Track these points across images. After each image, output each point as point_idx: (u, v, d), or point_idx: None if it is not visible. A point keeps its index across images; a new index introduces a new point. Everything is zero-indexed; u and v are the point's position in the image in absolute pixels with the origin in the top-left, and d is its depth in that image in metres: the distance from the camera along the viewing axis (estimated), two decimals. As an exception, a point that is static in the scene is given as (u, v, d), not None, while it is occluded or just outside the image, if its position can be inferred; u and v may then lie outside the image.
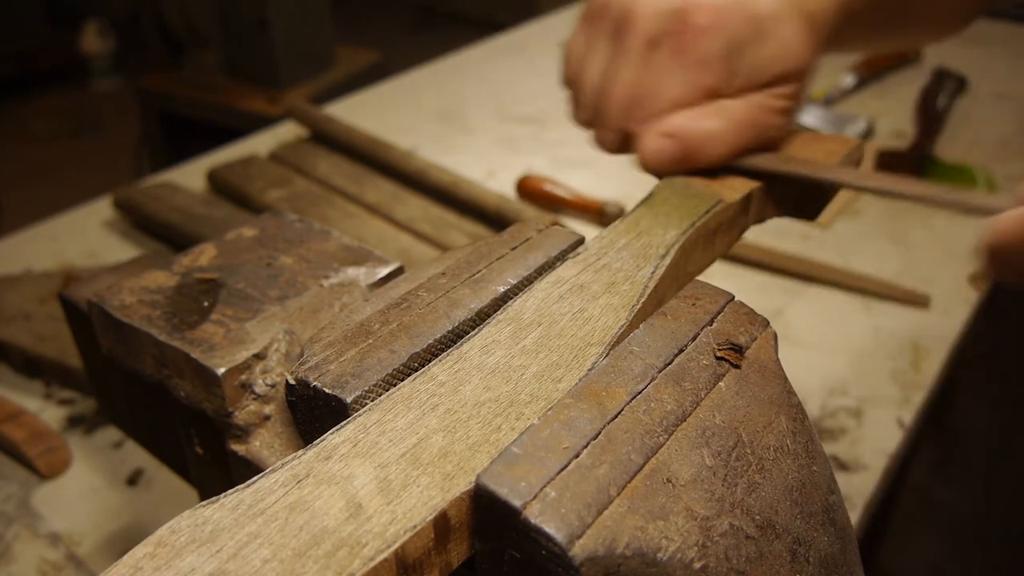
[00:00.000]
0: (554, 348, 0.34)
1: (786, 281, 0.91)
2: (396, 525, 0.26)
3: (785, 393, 0.35)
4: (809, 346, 0.82)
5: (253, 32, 1.96)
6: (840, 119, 1.23)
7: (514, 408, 0.31)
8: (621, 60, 0.43)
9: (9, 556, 0.63)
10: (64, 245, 1.00)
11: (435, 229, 0.94)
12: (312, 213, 0.95)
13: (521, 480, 0.27)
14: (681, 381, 0.32)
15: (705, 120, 0.42)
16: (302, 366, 0.34)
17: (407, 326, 0.36)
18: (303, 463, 0.29)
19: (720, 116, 0.42)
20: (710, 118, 0.42)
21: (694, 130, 0.41)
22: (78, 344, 0.52)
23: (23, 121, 3.43)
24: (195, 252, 0.44)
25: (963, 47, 1.48)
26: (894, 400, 0.77)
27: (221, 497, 0.27)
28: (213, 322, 0.39)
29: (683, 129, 0.41)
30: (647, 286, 0.37)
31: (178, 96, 2.12)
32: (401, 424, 0.30)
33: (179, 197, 0.98)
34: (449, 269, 0.40)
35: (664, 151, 0.42)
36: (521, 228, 0.43)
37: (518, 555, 0.27)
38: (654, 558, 0.27)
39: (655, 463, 0.29)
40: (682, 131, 0.41)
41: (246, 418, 0.37)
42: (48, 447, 0.70)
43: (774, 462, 0.32)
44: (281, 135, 1.24)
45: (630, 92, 0.43)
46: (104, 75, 3.67)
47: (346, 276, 0.43)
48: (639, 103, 0.42)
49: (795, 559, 0.31)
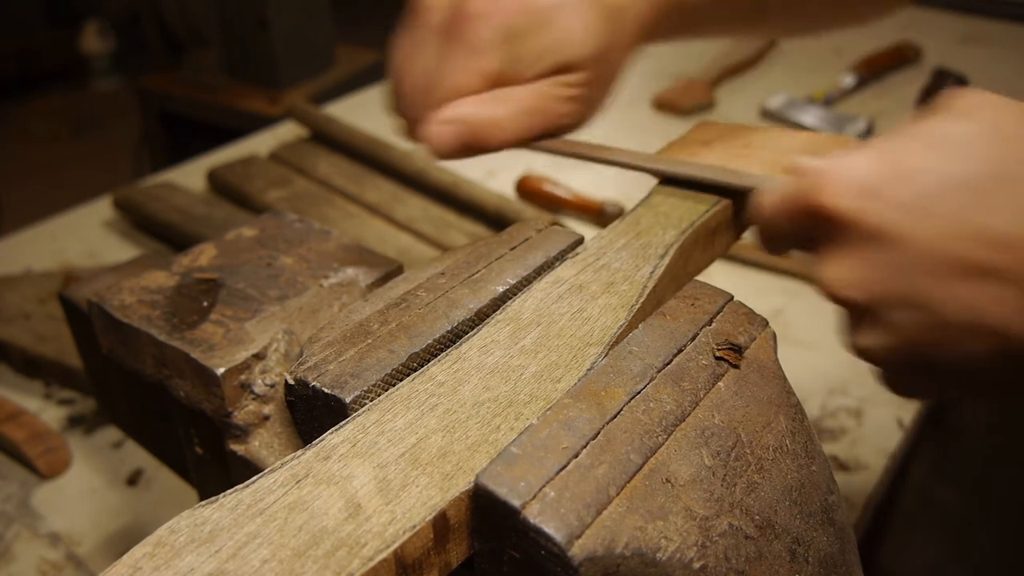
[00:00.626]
0: (553, 348, 0.34)
1: (786, 281, 0.91)
2: (395, 525, 0.26)
3: (784, 393, 0.35)
4: (809, 346, 0.82)
5: (253, 32, 1.96)
6: (840, 119, 1.23)
7: (513, 408, 0.31)
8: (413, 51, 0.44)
9: (9, 556, 0.63)
10: (64, 245, 1.00)
11: (435, 229, 0.94)
12: (312, 213, 0.95)
13: (520, 480, 0.27)
14: (680, 381, 0.32)
15: (487, 106, 0.42)
16: (301, 366, 0.34)
17: (406, 326, 0.36)
18: (302, 463, 0.29)
19: (503, 102, 0.43)
20: (492, 104, 0.43)
21: (475, 116, 0.42)
22: (78, 344, 0.52)
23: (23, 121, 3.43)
24: (195, 252, 0.44)
25: (963, 47, 1.48)
26: (894, 400, 0.77)
27: (220, 497, 0.27)
28: (213, 322, 0.39)
29: (465, 115, 0.42)
30: (646, 286, 0.37)
31: (178, 96, 2.12)
32: (400, 424, 0.30)
33: (179, 197, 0.98)
34: (448, 269, 0.40)
35: (447, 136, 0.42)
36: (520, 228, 0.43)
37: (517, 555, 0.27)
38: (653, 558, 0.27)
39: (654, 463, 0.29)
40: (464, 117, 0.42)
41: (245, 418, 0.37)
42: (48, 447, 0.70)
43: (773, 462, 0.32)
44: (281, 135, 1.24)
45: (420, 81, 0.44)
46: (104, 75, 3.67)
47: (346, 276, 0.43)
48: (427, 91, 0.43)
49: (794, 559, 0.31)
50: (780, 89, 1.30)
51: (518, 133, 0.43)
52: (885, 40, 1.42)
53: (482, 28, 0.42)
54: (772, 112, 1.26)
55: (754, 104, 1.28)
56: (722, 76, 1.35)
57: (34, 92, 3.62)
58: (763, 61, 1.43)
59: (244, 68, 2.05)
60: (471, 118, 0.42)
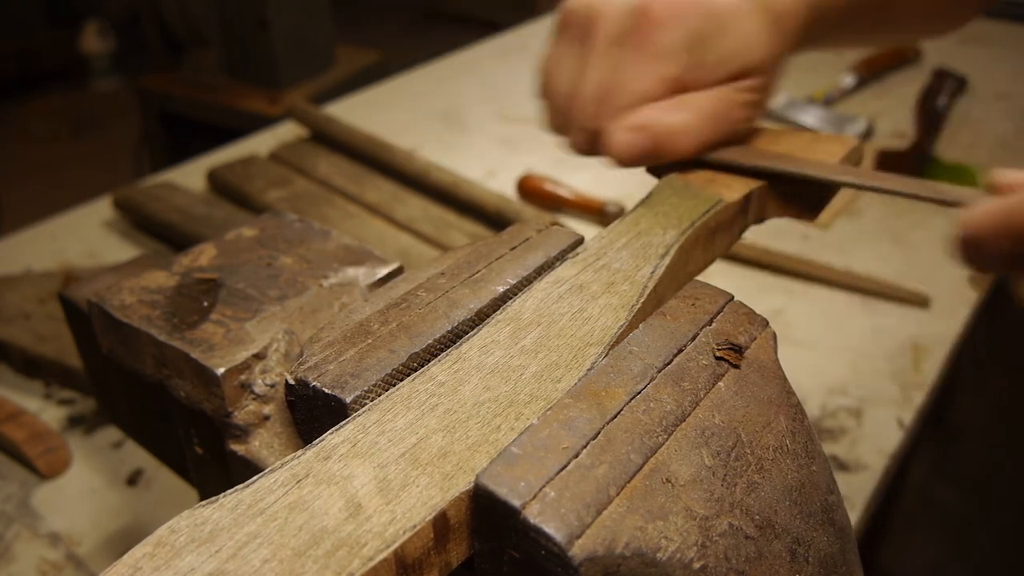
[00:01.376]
0: (553, 348, 0.34)
1: (786, 281, 0.91)
2: (395, 525, 0.26)
3: (784, 393, 0.35)
4: (809, 346, 0.82)
5: (253, 32, 1.96)
6: (840, 119, 1.23)
7: (513, 408, 0.31)
8: (588, 61, 0.44)
9: (9, 556, 0.63)
10: (64, 245, 1.00)
11: (435, 229, 0.94)
12: (312, 213, 0.95)
13: (520, 480, 0.27)
14: (680, 381, 0.32)
15: (673, 113, 0.42)
16: (301, 366, 0.34)
17: (406, 326, 0.36)
18: (302, 463, 0.29)
19: (687, 109, 0.43)
20: (677, 111, 0.43)
21: (662, 122, 0.42)
22: (78, 344, 0.52)
23: (23, 121, 3.43)
24: (195, 252, 0.44)
25: (963, 47, 1.48)
26: (894, 400, 0.77)
27: (220, 497, 0.27)
28: (213, 322, 0.39)
29: (651, 122, 0.42)
30: (646, 286, 0.37)
31: (178, 96, 2.12)
32: (400, 424, 0.30)
33: (179, 197, 0.98)
34: (448, 269, 0.40)
35: (633, 144, 0.42)
36: (521, 228, 0.43)
37: (517, 555, 0.27)
38: (653, 558, 0.27)
39: (654, 463, 0.29)
40: (650, 124, 0.42)
41: (246, 418, 0.37)
42: (48, 447, 0.70)
43: (773, 462, 0.32)
44: (281, 135, 1.24)
45: (597, 90, 0.43)
46: (104, 75, 3.67)
47: (346, 276, 0.43)
48: (606, 100, 0.43)
49: (794, 559, 0.31)
50: (780, 89, 1.30)
51: (701, 139, 0.43)
52: (885, 40, 1.41)
53: (667, 33, 0.42)
54: (772, 112, 1.26)
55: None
56: (722, 76, 1.34)
57: (34, 92, 3.62)
58: (763, 61, 1.43)
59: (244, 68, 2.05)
60: (656, 125, 0.42)
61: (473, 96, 1.41)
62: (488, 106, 1.37)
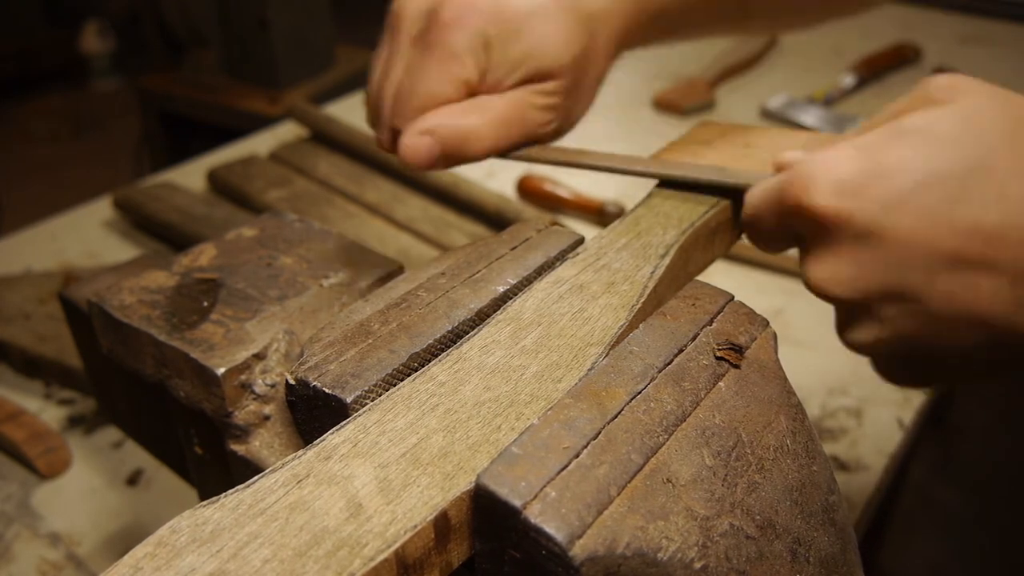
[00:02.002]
0: (554, 348, 0.34)
1: (786, 281, 0.91)
2: (396, 525, 0.26)
3: (785, 393, 0.35)
4: (809, 346, 0.82)
5: (253, 32, 1.96)
6: (840, 119, 1.23)
7: (514, 408, 0.31)
8: (391, 60, 0.44)
9: (9, 556, 0.63)
10: (64, 245, 1.00)
11: (435, 229, 0.94)
12: (312, 213, 0.95)
13: (521, 480, 0.27)
14: (681, 381, 0.32)
15: (463, 117, 0.42)
16: (302, 366, 0.34)
17: (407, 326, 0.36)
18: (303, 463, 0.29)
19: (479, 112, 0.42)
20: (468, 114, 0.42)
21: (452, 126, 0.42)
22: (78, 344, 0.52)
23: (23, 121, 3.43)
24: (195, 252, 0.44)
25: (963, 47, 1.48)
26: (894, 400, 0.77)
27: (221, 497, 0.27)
28: (213, 322, 0.39)
29: (441, 126, 0.42)
30: (647, 286, 0.37)
31: (178, 96, 2.12)
32: (401, 424, 0.30)
33: (179, 197, 0.98)
34: (449, 269, 0.40)
35: (421, 148, 0.42)
36: (521, 228, 0.43)
37: (518, 555, 0.27)
38: (654, 558, 0.27)
39: (655, 463, 0.29)
40: (440, 128, 0.42)
41: (246, 418, 0.37)
42: (48, 447, 0.70)
43: (774, 462, 0.32)
44: (281, 135, 1.24)
45: (396, 90, 0.43)
46: (104, 75, 3.67)
47: (346, 276, 0.43)
48: (403, 100, 0.43)
49: (795, 559, 0.31)
50: (780, 89, 1.30)
51: (495, 142, 0.43)
52: (885, 40, 1.42)
53: (457, 34, 0.42)
54: (772, 112, 1.26)
55: (754, 104, 1.28)
56: (722, 76, 1.35)
57: (34, 92, 3.62)
58: (763, 61, 1.43)
59: (244, 68, 2.05)
60: (446, 128, 0.42)
61: (473, 96, 1.41)
62: (488, 106, 1.37)
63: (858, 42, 1.41)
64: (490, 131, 0.42)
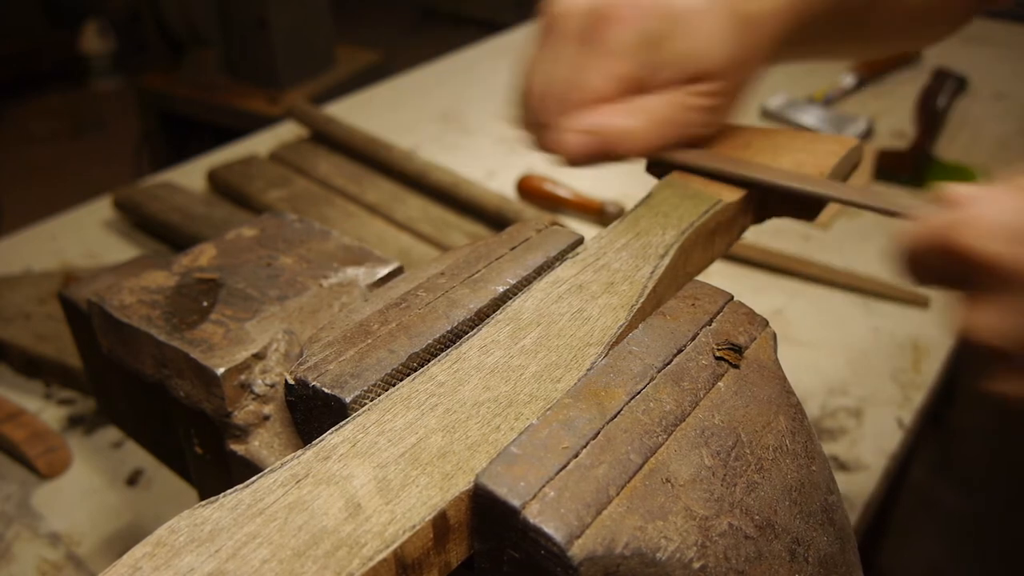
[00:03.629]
0: (553, 348, 0.34)
1: (786, 281, 0.91)
2: (395, 525, 0.26)
3: (784, 393, 0.35)
4: (809, 346, 0.82)
5: (253, 32, 1.96)
6: (840, 119, 1.23)
7: (513, 408, 0.31)
8: (550, 58, 0.44)
9: (9, 556, 0.63)
10: (64, 245, 1.00)
11: (435, 229, 0.94)
12: (312, 213, 0.95)
13: (520, 480, 0.27)
14: (680, 381, 0.32)
15: (623, 117, 0.42)
16: (301, 366, 0.34)
17: (406, 326, 0.36)
18: (302, 463, 0.29)
19: (638, 113, 0.43)
20: (628, 115, 0.42)
21: (612, 126, 0.42)
22: (78, 344, 0.52)
23: (23, 121, 3.43)
24: (195, 252, 0.44)
25: (963, 47, 1.48)
26: (894, 400, 0.77)
27: (220, 497, 0.27)
28: (213, 322, 0.39)
29: (602, 125, 0.42)
30: (646, 286, 0.37)
31: (178, 96, 2.12)
32: (400, 424, 0.30)
33: (179, 197, 0.98)
34: (448, 269, 0.40)
35: (583, 145, 0.43)
36: (520, 228, 0.43)
37: (517, 555, 0.27)
38: (653, 558, 0.27)
39: (654, 463, 0.29)
40: (601, 127, 0.42)
41: (245, 418, 0.37)
42: (48, 447, 0.70)
43: (773, 462, 0.32)
44: (281, 135, 1.24)
45: (556, 88, 0.44)
46: (104, 75, 3.67)
47: (346, 276, 0.43)
48: (563, 97, 0.43)
49: (794, 559, 0.31)
50: (780, 89, 1.30)
51: (650, 143, 0.43)
52: (885, 40, 1.41)
53: (622, 31, 0.42)
54: (772, 112, 1.26)
55: (754, 104, 1.28)
56: (722, 76, 1.34)
57: (34, 92, 3.62)
58: (763, 61, 1.43)
59: (244, 68, 2.05)
60: (606, 128, 0.42)
61: (473, 96, 1.41)
62: (488, 106, 1.37)
63: (858, 42, 1.41)
64: (646, 132, 0.43)
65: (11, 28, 3.54)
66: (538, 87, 0.44)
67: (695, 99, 0.43)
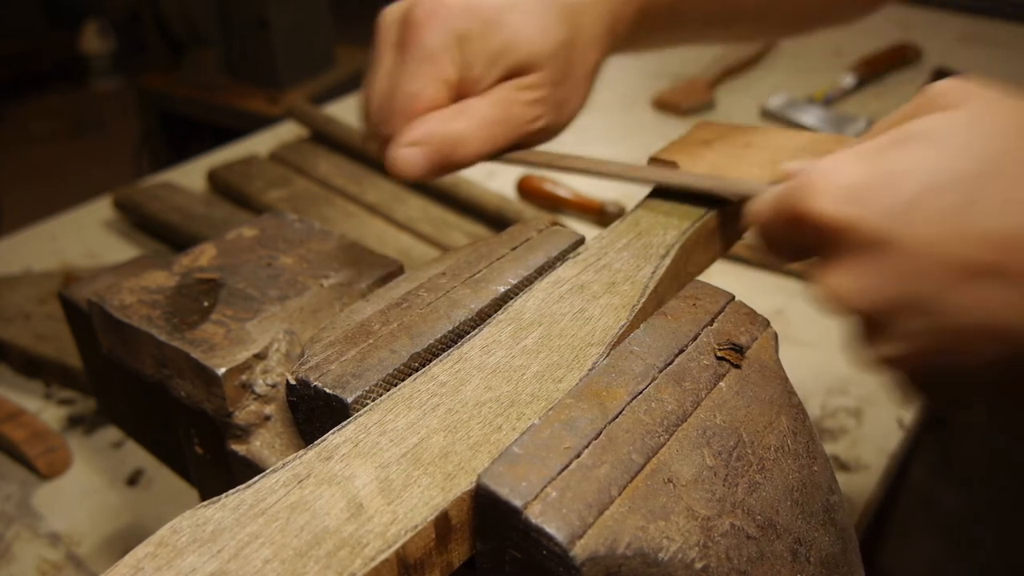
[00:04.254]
0: (555, 348, 0.34)
1: (786, 281, 0.91)
2: (397, 525, 0.26)
3: (786, 393, 0.35)
4: (809, 346, 0.82)
5: (253, 32, 1.96)
6: (840, 119, 1.23)
7: (515, 408, 0.31)
8: (379, 71, 0.44)
9: (9, 556, 0.63)
10: (64, 245, 1.00)
11: (435, 229, 0.94)
12: (312, 213, 0.95)
13: (522, 480, 0.27)
14: (682, 381, 0.32)
15: (451, 121, 0.41)
16: (303, 366, 0.34)
17: (408, 326, 0.36)
18: (304, 463, 0.29)
19: (464, 116, 0.42)
20: (454, 120, 0.41)
21: (439, 134, 0.41)
22: (78, 344, 0.52)
23: (23, 121, 3.43)
24: (195, 252, 0.44)
25: (963, 47, 1.48)
26: (894, 400, 0.77)
27: (222, 497, 0.27)
28: (213, 322, 0.39)
29: (428, 135, 0.41)
30: (647, 286, 0.37)
31: (178, 96, 2.12)
32: (402, 424, 0.30)
33: (179, 197, 0.98)
34: (449, 269, 0.40)
35: (415, 158, 0.41)
36: (521, 228, 0.43)
37: (519, 555, 0.27)
38: (655, 558, 0.27)
39: (656, 463, 0.29)
40: (429, 136, 0.41)
41: (246, 418, 0.37)
42: (48, 447, 0.70)
43: (775, 462, 0.32)
44: (281, 135, 1.24)
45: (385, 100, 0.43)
46: (104, 75, 3.67)
47: (346, 276, 0.43)
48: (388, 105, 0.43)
49: (796, 559, 0.31)
50: (780, 89, 1.30)
51: (485, 145, 0.42)
52: (885, 40, 1.42)
53: (429, 33, 0.41)
54: (772, 112, 1.26)
55: (754, 104, 1.28)
56: (722, 76, 1.35)
57: (34, 92, 3.62)
58: (763, 61, 1.43)
59: (244, 68, 2.05)
60: (434, 136, 0.41)
61: (473, 96, 1.41)
62: (488, 106, 1.37)
63: (858, 42, 1.41)
64: (478, 134, 0.42)
65: (11, 28, 3.54)
66: (374, 102, 0.44)
67: (520, 93, 0.43)
